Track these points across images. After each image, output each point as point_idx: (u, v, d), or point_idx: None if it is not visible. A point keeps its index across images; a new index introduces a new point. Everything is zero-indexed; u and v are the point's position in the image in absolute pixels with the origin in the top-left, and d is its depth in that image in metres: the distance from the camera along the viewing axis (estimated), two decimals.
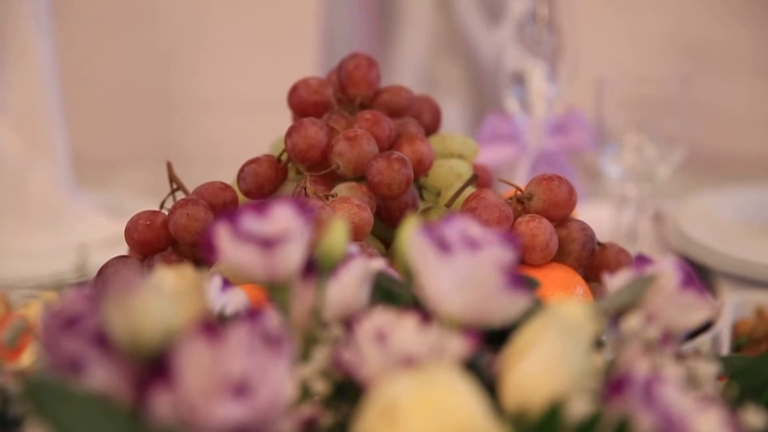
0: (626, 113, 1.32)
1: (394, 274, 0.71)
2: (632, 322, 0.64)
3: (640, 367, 0.61)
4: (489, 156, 1.36)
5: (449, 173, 0.97)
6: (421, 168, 0.94)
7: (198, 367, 0.56)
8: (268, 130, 1.08)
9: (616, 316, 0.66)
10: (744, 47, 1.87)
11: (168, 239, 0.92)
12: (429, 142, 0.95)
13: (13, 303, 0.97)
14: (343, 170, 0.91)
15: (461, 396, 0.56)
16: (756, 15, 1.84)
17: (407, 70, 1.85)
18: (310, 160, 0.92)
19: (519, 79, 1.37)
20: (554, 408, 0.57)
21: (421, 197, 0.98)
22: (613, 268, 0.91)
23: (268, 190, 0.94)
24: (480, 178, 1.01)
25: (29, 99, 1.34)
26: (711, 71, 1.85)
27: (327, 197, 0.89)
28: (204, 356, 0.56)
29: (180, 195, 0.97)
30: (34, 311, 0.86)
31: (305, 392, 0.60)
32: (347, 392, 0.61)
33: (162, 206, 0.96)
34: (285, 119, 1.00)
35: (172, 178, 0.97)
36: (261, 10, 1.96)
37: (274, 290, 0.64)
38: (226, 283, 0.74)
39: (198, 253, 0.92)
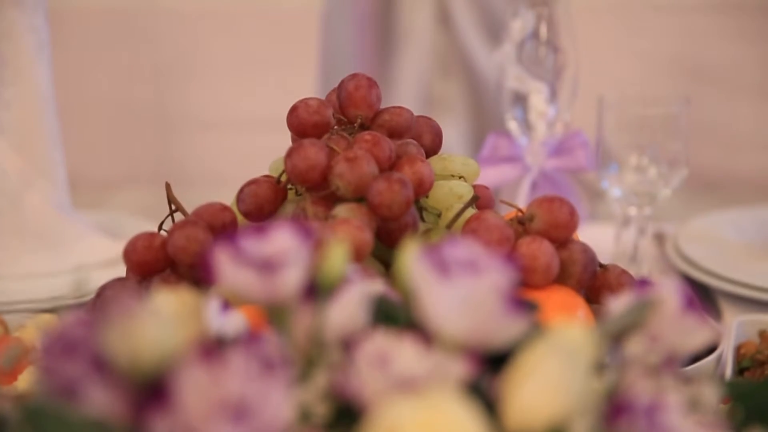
0: (627, 134, 1.32)
1: (394, 296, 0.70)
2: (634, 345, 0.63)
3: (642, 390, 0.60)
4: (490, 177, 1.35)
5: (450, 194, 0.97)
6: (422, 189, 0.93)
7: (197, 391, 0.56)
8: (267, 150, 1.08)
9: (617, 338, 0.65)
10: (747, 68, 1.87)
11: (167, 261, 0.92)
12: (429, 163, 0.94)
13: (10, 325, 0.96)
14: (343, 191, 0.91)
15: (462, 419, 0.55)
16: (760, 36, 1.84)
17: (407, 89, 1.85)
18: (310, 182, 0.92)
19: (519, 100, 1.37)
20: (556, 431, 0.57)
21: (422, 218, 0.97)
22: (614, 290, 0.91)
23: (268, 211, 0.93)
24: (481, 199, 1.00)
25: (27, 119, 1.33)
26: (713, 92, 1.85)
27: (327, 218, 0.89)
28: (203, 379, 0.56)
29: (179, 216, 0.96)
30: (30, 334, 0.85)
31: (305, 415, 0.60)
32: (348, 416, 0.60)
33: (161, 228, 0.96)
34: (284, 140, 0.99)
35: (171, 200, 0.97)
36: (260, 30, 1.96)
37: (274, 312, 0.64)
38: (226, 305, 0.73)
39: (197, 274, 0.91)
